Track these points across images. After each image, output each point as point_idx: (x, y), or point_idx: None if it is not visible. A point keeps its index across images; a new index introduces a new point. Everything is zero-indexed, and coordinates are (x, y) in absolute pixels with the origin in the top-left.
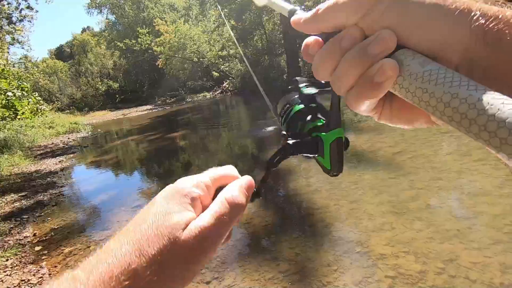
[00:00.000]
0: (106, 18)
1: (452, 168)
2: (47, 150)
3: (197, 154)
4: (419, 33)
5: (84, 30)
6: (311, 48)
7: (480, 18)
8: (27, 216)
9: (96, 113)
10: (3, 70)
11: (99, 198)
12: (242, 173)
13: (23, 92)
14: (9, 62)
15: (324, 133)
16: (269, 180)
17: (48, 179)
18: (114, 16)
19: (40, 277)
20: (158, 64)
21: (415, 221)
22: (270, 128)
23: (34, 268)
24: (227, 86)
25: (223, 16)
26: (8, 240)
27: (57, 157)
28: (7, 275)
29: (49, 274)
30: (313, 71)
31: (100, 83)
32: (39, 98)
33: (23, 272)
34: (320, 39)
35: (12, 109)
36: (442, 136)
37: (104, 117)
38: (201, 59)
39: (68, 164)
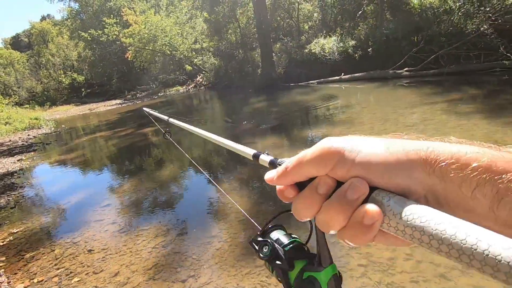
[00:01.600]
0: (69, 6)
1: None
2: (3, 148)
3: (169, 150)
4: (384, 179)
5: (43, 18)
6: (286, 193)
7: (429, 160)
8: None
9: (60, 108)
10: None
11: (65, 198)
12: (213, 168)
13: None
14: None
15: (317, 272)
16: (243, 175)
17: (6, 180)
18: (78, 4)
19: None
20: (127, 57)
21: None
22: (245, 124)
23: None
24: (200, 80)
25: None
26: None
27: (15, 156)
28: None
29: (8, 282)
30: (294, 213)
31: (63, 75)
32: None
33: None
34: (293, 185)
35: None
36: (408, 129)
37: (69, 112)
38: (173, 52)
39: (28, 163)
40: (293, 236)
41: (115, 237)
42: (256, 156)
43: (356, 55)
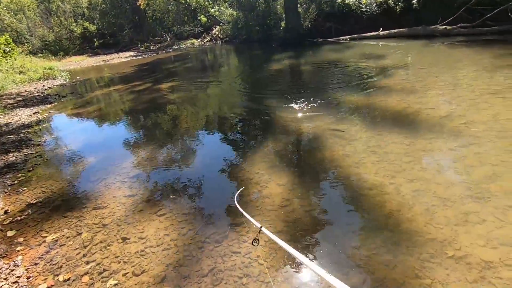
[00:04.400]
0: None
1: None
2: (19, 98)
3: (193, 110)
4: None
5: None
6: None
7: None
8: None
9: (73, 58)
10: None
11: (87, 162)
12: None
13: None
14: None
15: None
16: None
17: (22, 134)
18: None
19: (14, 282)
20: (139, 4)
21: (508, 210)
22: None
23: (5, 266)
24: (217, 33)
25: None
26: None
27: (31, 107)
28: None
29: (28, 278)
30: None
31: (74, 24)
32: (7, 38)
33: None
34: None
35: None
36: (490, 97)
37: (82, 63)
38: (188, 0)
39: (44, 116)
40: None
41: (153, 221)
42: None
43: (397, 8)
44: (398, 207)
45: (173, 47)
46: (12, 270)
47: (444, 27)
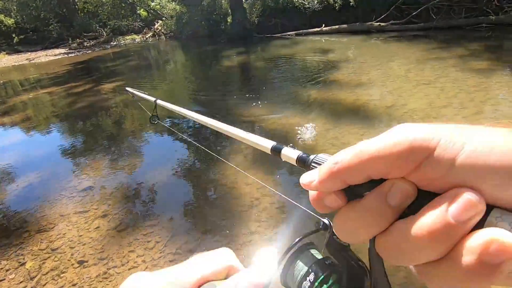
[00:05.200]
0: None
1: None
2: None
3: (139, 113)
4: (505, 196)
5: None
6: (328, 201)
7: None
8: None
9: None
10: None
11: (21, 179)
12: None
13: None
14: None
15: None
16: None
17: None
18: None
19: None
20: None
21: None
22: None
23: None
24: (160, 28)
25: None
26: None
27: None
28: None
29: None
30: (339, 231)
31: None
32: None
33: None
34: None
35: None
36: (425, 87)
37: (0, 62)
38: None
39: None
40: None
41: (113, 238)
42: (276, 150)
43: (336, 5)
44: None
45: (111, 43)
46: None
47: (378, 23)
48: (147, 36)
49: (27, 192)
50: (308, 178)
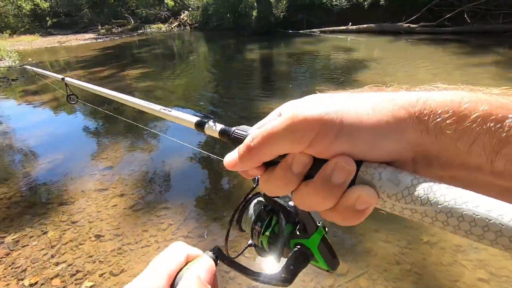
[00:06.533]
0: None
1: None
2: None
3: (165, 101)
4: (373, 150)
5: None
6: (251, 172)
7: (422, 116)
8: None
9: (22, 38)
10: None
11: (47, 155)
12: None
13: None
14: None
15: (306, 239)
16: None
17: None
18: None
19: None
20: None
21: None
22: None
23: None
24: (185, 18)
25: None
26: None
27: None
28: None
29: None
30: (265, 191)
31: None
32: None
33: None
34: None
35: None
36: None
37: (34, 44)
38: None
39: None
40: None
41: (129, 217)
42: (200, 125)
43: (365, 4)
44: None
45: (138, 31)
46: None
47: (408, 25)
48: (172, 26)
49: (52, 168)
50: (230, 159)
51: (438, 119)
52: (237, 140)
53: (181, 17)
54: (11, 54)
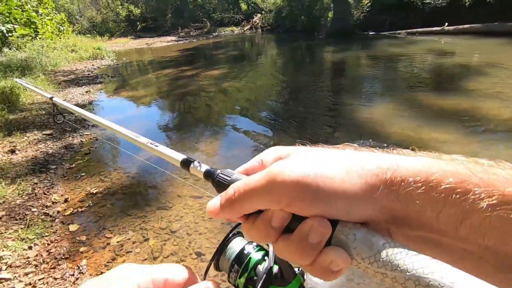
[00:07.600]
0: None
1: None
2: (72, 76)
3: (248, 99)
4: (348, 215)
5: None
6: (233, 219)
7: (394, 184)
8: (54, 167)
9: (118, 40)
10: None
11: (144, 150)
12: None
13: (45, 7)
14: None
15: (283, 287)
16: None
17: (76, 113)
18: None
19: None
20: None
21: None
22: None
23: (69, 271)
24: (257, 21)
25: None
26: (31, 205)
27: (83, 86)
28: (27, 285)
29: None
30: (247, 237)
31: (120, 7)
32: (63, 17)
33: (53, 278)
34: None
35: (33, 27)
36: None
37: (127, 45)
38: None
39: (96, 96)
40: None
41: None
42: (185, 164)
43: (468, 1)
44: None
45: (213, 33)
46: (77, 279)
47: None
48: (245, 29)
49: (150, 165)
50: (212, 208)
51: (409, 188)
52: (220, 185)
53: (254, 20)
54: (110, 54)
